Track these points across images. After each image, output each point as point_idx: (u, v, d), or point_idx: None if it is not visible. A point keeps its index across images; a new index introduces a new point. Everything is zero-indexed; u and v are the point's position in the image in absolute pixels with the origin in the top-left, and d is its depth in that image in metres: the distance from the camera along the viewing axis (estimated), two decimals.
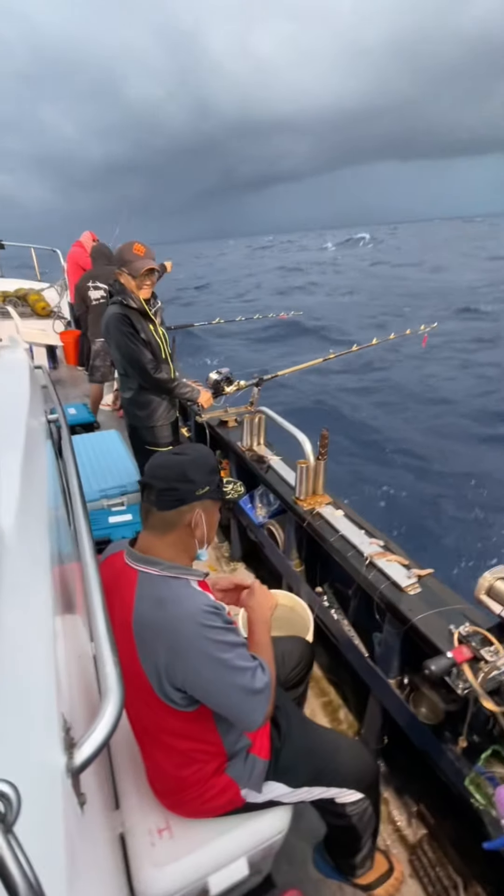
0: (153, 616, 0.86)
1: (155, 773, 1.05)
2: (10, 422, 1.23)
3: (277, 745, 1.10)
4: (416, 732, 1.35)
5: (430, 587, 1.42)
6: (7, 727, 0.43)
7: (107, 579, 0.97)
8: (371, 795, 1.13)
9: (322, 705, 1.93)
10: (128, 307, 2.09)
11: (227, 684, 0.86)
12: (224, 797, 1.03)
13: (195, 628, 0.84)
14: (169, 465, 0.96)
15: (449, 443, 6.28)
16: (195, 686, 0.86)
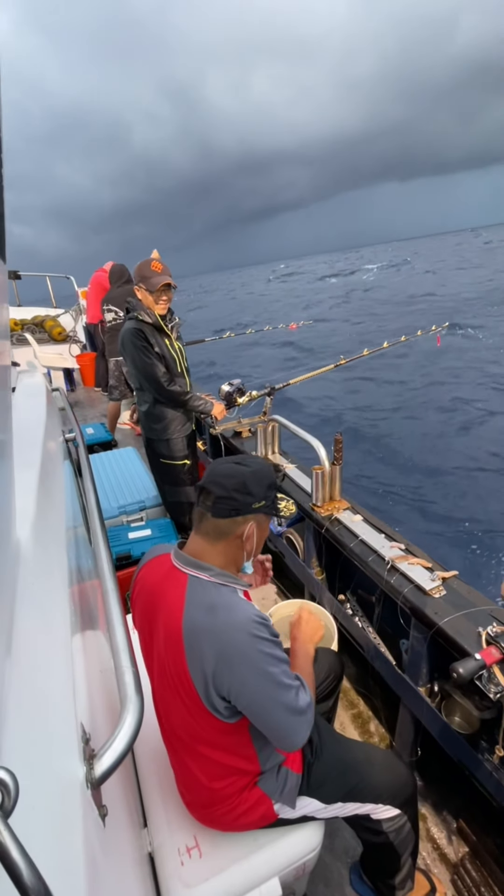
0: (204, 622, 0.85)
1: (187, 784, 1.03)
2: (28, 442, 1.26)
3: (310, 760, 1.07)
4: (451, 742, 1.30)
5: (456, 589, 1.38)
6: (22, 736, 0.43)
7: (152, 579, 0.98)
8: (408, 811, 1.09)
9: (351, 718, 1.88)
10: (143, 322, 2.16)
11: (272, 699, 0.85)
12: (257, 812, 1.00)
13: (246, 638, 0.83)
14: (231, 474, 0.94)
15: (469, 441, 6.15)
16: (240, 696, 0.85)
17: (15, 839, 0.29)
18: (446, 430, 6.66)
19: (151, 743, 1.27)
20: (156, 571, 1.00)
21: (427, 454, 5.98)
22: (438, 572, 1.43)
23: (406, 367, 9.87)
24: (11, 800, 0.31)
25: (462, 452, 5.89)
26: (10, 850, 0.29)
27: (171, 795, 1.15)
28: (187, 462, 2.48)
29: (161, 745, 1.25)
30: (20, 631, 0.56)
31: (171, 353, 2.27)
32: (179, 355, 2.33)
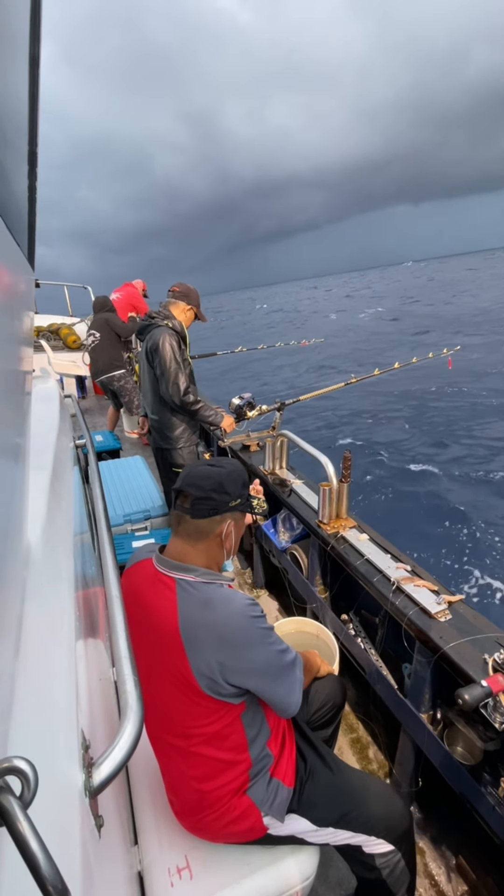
0: (203, 617, 0.88)
1: (177, 788, 1.02)
2: (40, 446, 1.28)
3: (303, 776, 1.05)
4: (453, 773, 1.26)
5: (462, 614, 1.36)
6: (26, 737, 0.43)
7: (135, 585, 1.00)
8: (403, 848, 1.04)
9: (350, 742, 1.83)
10: (174, 330, 2.31)
11: (277, 670, 0.92)
12: (245, 822, 0.98)
13: (246, 621, 0.88)
14: (206, 475, 0.99)
15: (478, 465, 6.10)
16: (251, 674, 0.89)
17: (34, 830, 0.29)
18: (458, 451, 6.62)
19: (145, 757, 1.25)
20: (139, 577, 1.01)
21: (438, 477, 5.94)
22: (444, 596, 1.41)
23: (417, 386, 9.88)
24: (31, 791, 0.31)
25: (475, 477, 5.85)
26: (29, 841, 0.29)
27: (164, 812, 1.12)
28: (206, 460, 2.53)
29: (155, 759, 1.24)
30: (27, 633, 0.56)
31: (190, 365, 2.41)
32: (192, 371, 2.46)
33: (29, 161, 0.69)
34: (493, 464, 6.14)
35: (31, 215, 0.80)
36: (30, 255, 0.89)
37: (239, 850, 1.05)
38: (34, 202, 0.78)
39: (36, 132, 0.71)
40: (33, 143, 0.70)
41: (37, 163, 0.72)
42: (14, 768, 0.31)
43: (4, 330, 0.47)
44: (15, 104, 0.55)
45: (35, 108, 0.71)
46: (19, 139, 0.60)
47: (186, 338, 2.37)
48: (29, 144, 0.67)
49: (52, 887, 0.29)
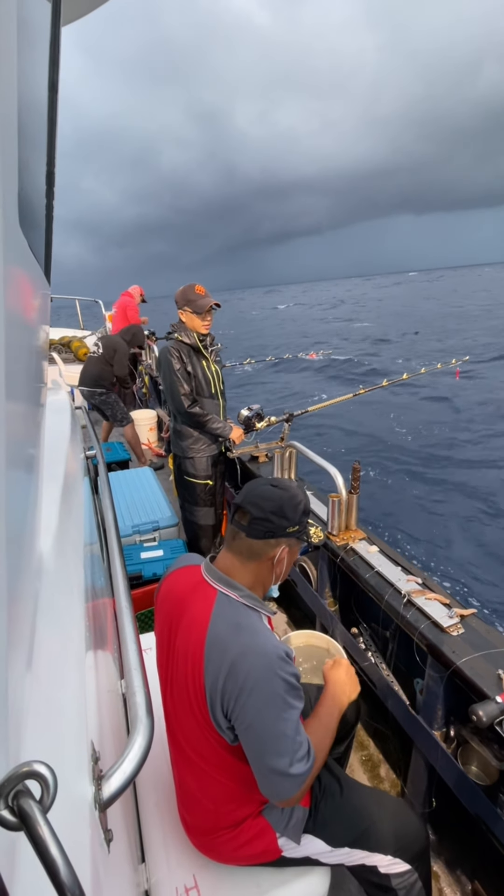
0: (227, 638, 0.85)
1: (190, 806, 1.00)
2: (52, 458, 1.30)
3: (317, 796, 1.03)
4: (468, 793, 1.23)
5: (474, 628, 1.33)
6: (37, 748, 0.43)
7: (181, 588, 0.99)
8: (420, 868, 1.01)
9: (361, 760, 1.79)
10: (181, 342, 2.29)
11: (268, 747, 0.82)
12: (259, 844, 0.96)
13: (265, 671, 0.81)
14: (269, 496, 0.95)
15: (491, 476, 6.03)
16: (240, 724, 0.83)
17: (54, 835, 0.29)
18: (470, 464, 6.55)
19: (153, 771, 1.24)
20: (185, 581, 1.00)
21: (447, 486, 5.88)
22: (456, 609, 1.39)
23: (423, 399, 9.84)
24: (50, 795, 0.31)
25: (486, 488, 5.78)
26: (49, 846, 0.29)
27: (172, 830, 1.11)
28: (210, 482, 2.51)
29: (165, 774, 1.22)
30: (39, 644, 0.56)
31: (208, 374, 2.36)
32: (216, 378, 2.41)
33: (47, 181, 0.72)
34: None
35: (48, 232, 0.82)
36: (46, 270, 0.91)
37: (249, 871, 1.03)
38: (51, 219, 0.81)
39: (54, 153, 0.74)
40: (51, 164, 0.72)
41: (54, 182, 0.75)
42: (34, 772, 0.31)
43: (22, 344, 0.48)
44: (36, 124, 0.57)
45: (53, 130, 0.74)
46: (39, 158, 0.62)
47: (200, 347, 2.31)
48: (47, 165, 0.70)
49: (70, 893, 0.29)
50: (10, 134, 0.32)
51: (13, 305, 0.37)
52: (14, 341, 0.37)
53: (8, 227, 0.34)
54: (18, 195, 0.38)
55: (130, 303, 5.91)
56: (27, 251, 0.52)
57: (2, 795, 0.30)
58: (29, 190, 0.52)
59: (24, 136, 0.41)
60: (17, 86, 0.36)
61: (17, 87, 0.35)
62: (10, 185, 0.34)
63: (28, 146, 0.49)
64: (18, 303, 0.42)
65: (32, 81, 0.54)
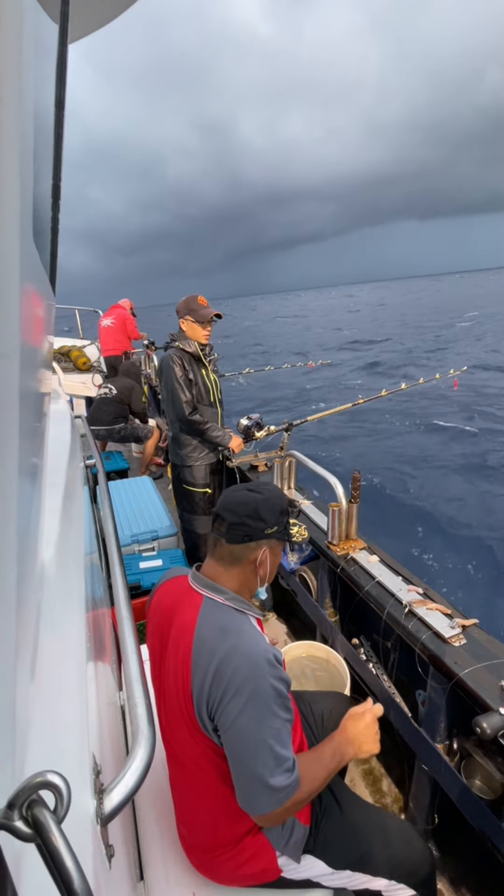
0: (213, 641, 0.85)
1: (189, 822, 0.98)
2: (53, 467, 1.29)
3: (318, 814, 1.01)
4: (471, 808, 1.21)
5: (476, 638, 1.32)
6: (39, 761, 0.42)
7: (169, 599, 0.99)
8: (425, 893, 0.99)
9: (362, 774, 1.77)
10: (183, 350, 2.32)
11: (250, 754, 0.80)
12: (259, 863, 0.94)
13: (252, 675, 0.80)
14: (244, 501, 0.97)
15: (490, 486, 6.03)
16: (223, 726, 0.81)
17: (68, 845, 0.29)
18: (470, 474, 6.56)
19: (153, 786, 1.22)
20: (173, 591, 1.00)
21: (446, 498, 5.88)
22: (458, 619, 1.38)
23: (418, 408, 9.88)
24: (64, 806, 0.31)
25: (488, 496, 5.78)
26: (63, 856, 0.28)
27: (171, 846, 1.08)
28: (208, 490, 2.52)
29: (164, 789, 1.20)
30: (41, 654, 0.56)
31: (207, 383, 2.39)
32: (214, 386, 2.44)
33: (53, 194, 0.73)
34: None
35: (53, 243, 0.83)
36: (52, 281, 0.92)
37: (250, 892, 1.01)
38: (57, 231, 0.82)
39: (60, 167, 0.75)
40: (57, 178, 0.74)
41: (59, 195, 0.76)
42: (48, 783, 0.31)
43: (27, 353, 0.48)
44: (45, 140, 0.58)
45: (59, 146, 0.75)
46: (46, 174, 0.63)
47: (201, 355, 2.34)
48: (53, 178, 0.71)
49: None
50: (27, 152, 0.33)
51: (25, 318, 0.37)
52: (25, 353, 0.38)
53: (24, 242, 0.35)
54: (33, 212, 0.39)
55: (129, 317, 5.91)
56: (38, 264, 0.52)
57: (16, 806, 0.29)
58: (39, 204, 0.53)
59: (35, 152, 0.42)
60: (29, 104, 0.36)
61: (29, 106, 0.36)
62: (27, 201, 0.35)
63: (38, 162, 0.50)
64: (29, 315, 0.43)
65: (41, 99, 0.55)
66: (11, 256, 0.30)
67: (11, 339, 0.30)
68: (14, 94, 0.29)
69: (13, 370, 0.31)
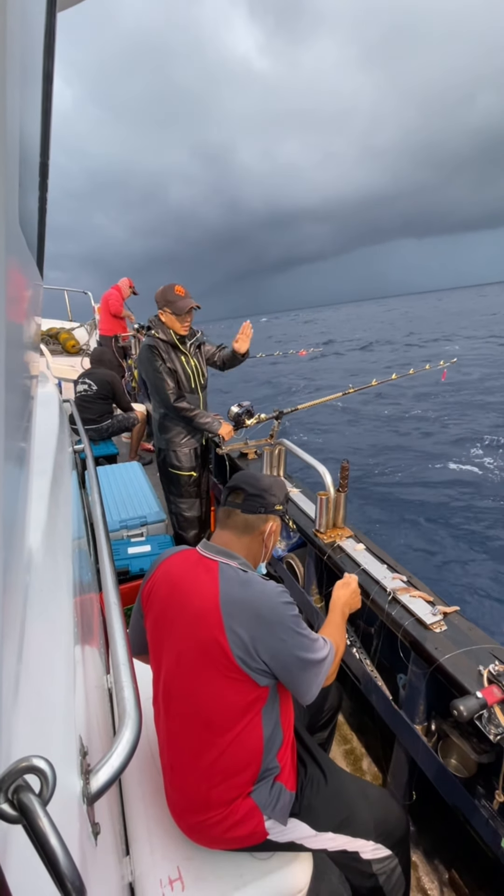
0: (241, 593, 0.96)
1: (183, 784, 1.01)
2: (40, 451, 1.28)
3: (303, 781, 1.07)
4: (447, 786, 1.26)
5: (457, 625, 1.36)
6: (28, 742, 0.43)
7: (178, 570, 1.06)
8: (400, 853, 1.06)
9: (344, 753, 1.82)
10: (158, 339, 2.28)
11: (304, 656, 0.95)
12: (247, 826, 0.98)
13: (280, 605, 0.95)
14: (258, 477, 1.14)
15: (476, 478, 6.14)
16: (278, 654, 0.93)
17: (54, 828, 0.30)
18: (455, 468, 6.65)
19: (140, 765, 1.24)
20: (183, 561, 1.07)
21: (433, 488, 5.96)
22: (440, 607, 1.42)
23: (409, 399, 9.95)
24: (49, 788, 0.32)
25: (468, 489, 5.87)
26: (49, 838, 0.29)
27: (157, 823, 1.11)
28: (194, 474, 2.53)
29: (150, 768, 1.23)
30: (28, 638, 0.56)
31: (187, 370, 2.36)
32: (196, 372, 2.41)
33: (40, 173, 0.71)
34: (487, 470, 6.18)
35: (41, 224, 0.81)
36: (39, 262, 0.90)
37: (232, 862, 1.04)
38: (44, 211, 0.80)
39: (48, 145, 0.73)
40: (45, 156, 0.71)
41: (47, 174, 0.74)
42: (33, 767, 0.32)
43: (14, 335, 0.47)
44: (30, 118, 0.56)
45: (48, 122, 0.73)
46: (33, 151, 0.61)
47: (177, 342, 2.30)
48: (41, 157, 0.69)
49: (71, 884, 0.30)
50: (13, 129, 0.32)
51: (10, 298, 0.37)
52: (11, 334, 0.37)
53: (9, 223, 0.34)
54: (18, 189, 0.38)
55: (114, 295, 5.78)
56: (24, 245, 0.51)
57: (2, 789, 0.30)
58: (25, 185, 0.51)
59: (22, 129, 0.41)
60: (15, 77, 0.35)
61: (15, 79, 0.35)
62: (12, 181, 0.34)
63: (25, 139, 0.48)
64: (14, 295, 0.42)
65: (28, 73, 0.53)
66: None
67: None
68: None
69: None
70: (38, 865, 0.30)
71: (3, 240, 0.31)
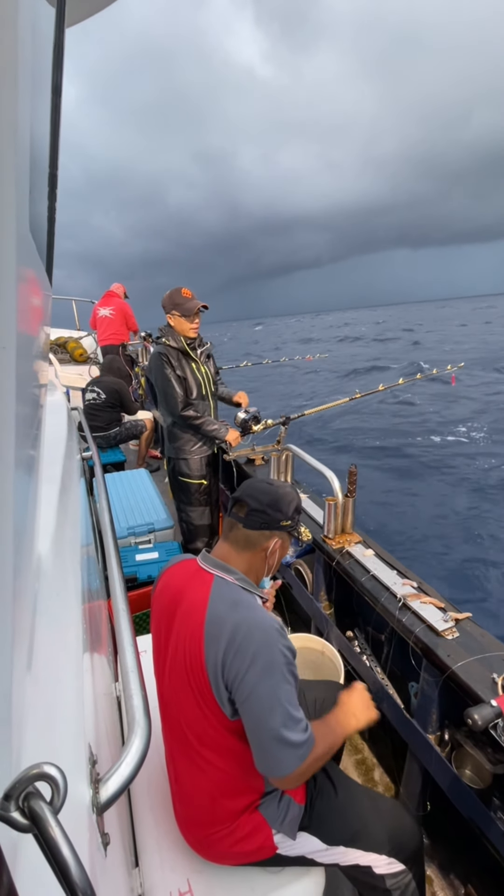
0: (226, 613, 0.89)
1: (187, 801, 0.99)
2: (49, 459, 1.29)
3: (312, 794, 1.04)
4: (461, 797, 1.23)
5: (469, 632, 1.34)
6: (36, 751, 0.43)
7: (177, 580, 1.02)
8: (414, 868, 1.02)
9: (355, 764, 1.79)
10: (169, 346, 2.28)
11: (270, 713, 0.83)
12: (255, 840, 0.96)
13: (265, 640, 0.84)
14: (265, 490, 1.04)
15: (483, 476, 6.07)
16: (241, 693, 0.84)
17: (65, 836, 0.29)
18: (465, 469, 6.59)
19: (149, 774, 1.23)
20: (181, 573, 1.03)
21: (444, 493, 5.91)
22: (451, 613, 1.40)
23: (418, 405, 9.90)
24: (60, 797, 0.31)
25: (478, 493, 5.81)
26: (60, 846, 0.29)
27: (166, 834, 1.10)
28: (204, 482, 2.52)
29: (158, 777, 1.21)
30: (38, 646, 0.56)
31: (198, 376, 2.37)
32: (206, 379, 2.42)
33: (49, 183, 0.72)
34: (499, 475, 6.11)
35: (50, 233, 0.82)
36: (48, 270, 0.92)
37: (243, 875, 1.02)
38: (53, 221, 0.81)
39: (56, 155, 0.74)
40: (54, 166, 0.72)
41: (56, 184, 0.75)
42: (44, 774, 0.32)
43: (25, 345, 0.48)
44: (40, 129, 0.57)
45: (56, 133, 0.74)
46: (42, 162, 0.62)
47: (188, 349, 2.32)
48: (50, 167, 0.70)
49: (82, 893, 0.29)
50: (24, 139, 0.33)
51: (21, 307, 0.37)
52: (21, 343, 0.38)
53: (20, 231, 0.34)
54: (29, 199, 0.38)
55: (128, 308, 5.78)
56: (35, 254, 0.52)
57: (13, 797, 0.30)
58: (35, 193, 0.52)
59: (32, 140, 0.42)
60: (26, 91, 0.36)
61: (26, 93, 0.36)
62: (23, 190, 0.34)
63: (35, 150, 0.49)
64: (25, 304, 0.43)
65: (37, 86, 0.54)
66: (7, 246, 0.29)
67: (8, 329, 0.30)
68: (10, 81, 0.28)
69: (9, 361, 0.31)
70: (46, 875, 0.30)
71: (14, 249, 0.31)
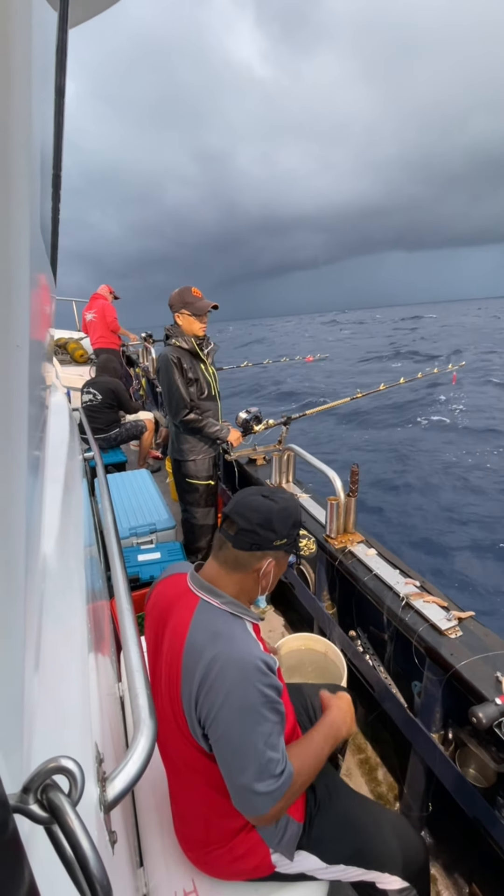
0: (204, 646, 0.83)
1: (184, 818, 0.99)
2: (53, 459, 1.29)
3: (312, 810, 1.01)
4: (465, 796, 1.23)
5: (473, 631, 1.34)
6: (44, 750, 0.43)
7: (167, 596, 0.98)
8: (419, 885, 0.99)
9: (358, 763, 1.79)
10: (180, 348, 2.27)
11: (241, 760, 0.79)
12: (252, 859, 0.94)
13: (242, 683, 0.79)
14: (257, 507, 0.93)
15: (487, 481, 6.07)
16: (213, 732, 0.80)
17: (84, 828, 0.29)
18: (466, 470, 6.59)
19: (153, 774, 1.23)
20: (172, 589, 0.99)
21: (444, 491, 5.91)
22: (454, 612, 1.40)
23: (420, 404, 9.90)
24: (78, 790, 0.32)
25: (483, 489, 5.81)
26: (80, 838, 0.29)
27: (170, 834, 1.10)
28: (211, 483, 2.53)
29: (162, 778, 1.21)
30: (44, 645, 0.56)
31: (207, 377, 2.37)
32: (214, 380, 2.42)
33: (53, 184, 0.72)
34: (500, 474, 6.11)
35: (54, 235, 0.83)
36: (53, 271, 0.92)
37: (245, 883, 1.02)
38: (58, 222, 0.81)
39: (60, 157, 0.74)
40: (58, 168, 0.73)
41: (60, 186, 0.75)
42: (62, 768, 0.32)
43: (34, 345, 0.48)
44: (45, 131, 0.57)
45: (60, 135, 0.74)
46: (48, 165, 0.62)
47: (198, 350, 2.31)
48: (54, 168, 0.70)
49: (100, 885, 0.29)
50: (35, 142, 0.33)
51: (34, 310, 0.37)
52: (33, 345, 0.38)
53: (33, 234, 0.34)
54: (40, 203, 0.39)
55: (108, 307, 5.60)
56: (45, 257, 0.52)
57: (32, 790, 0.30)
58: (44, 196, 0.52)
59: (38, 144, 0.42)
60: (37, 94, 0.36)
61: (37, 96, 0.36)
62: (35, 193, 0.34)
63: (41, 154, 0.49)
64: (37, 307, 0.43)
65: (42, 88, 0.55)
66: (22, 249, 0.30)
67: (22, 330, 0.30)
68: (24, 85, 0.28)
69: (23, 362, 0.31)
70: (54, 869, 0.30)
71: (28, 252, 0.31)
